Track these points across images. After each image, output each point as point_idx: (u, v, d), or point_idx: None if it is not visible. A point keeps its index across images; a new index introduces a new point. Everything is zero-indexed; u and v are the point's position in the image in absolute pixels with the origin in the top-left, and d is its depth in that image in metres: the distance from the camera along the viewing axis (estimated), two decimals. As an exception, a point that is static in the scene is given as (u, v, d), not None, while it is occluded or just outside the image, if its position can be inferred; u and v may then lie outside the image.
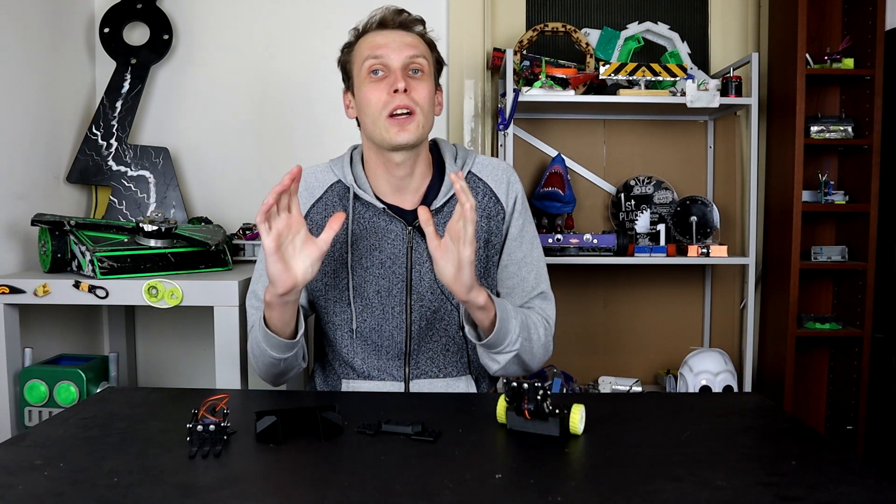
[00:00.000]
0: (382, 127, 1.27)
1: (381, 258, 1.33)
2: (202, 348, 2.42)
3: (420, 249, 1.33)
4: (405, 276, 1.33)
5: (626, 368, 2.62)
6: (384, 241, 1.33)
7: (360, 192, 1.34)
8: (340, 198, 1.36)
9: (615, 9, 2.60)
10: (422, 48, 1.31)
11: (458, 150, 1.42)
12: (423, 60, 1.30)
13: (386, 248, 1.33)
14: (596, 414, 1.02)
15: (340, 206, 1.35)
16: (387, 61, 1.27)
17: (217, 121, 2.41)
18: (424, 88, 1.29)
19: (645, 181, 2.52)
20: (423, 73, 1.30)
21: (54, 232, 1.79)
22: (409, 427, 0.98)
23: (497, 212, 1.37)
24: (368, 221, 1.34)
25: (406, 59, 1.28)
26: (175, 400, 1.18)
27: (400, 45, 1.28)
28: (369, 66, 1.28)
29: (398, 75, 1.26)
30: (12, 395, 1.73)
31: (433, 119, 1.33)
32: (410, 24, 1.32)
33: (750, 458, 0.92)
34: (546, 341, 1.35)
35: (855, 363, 2.38)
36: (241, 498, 0.78)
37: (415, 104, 1.26)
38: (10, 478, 0.83)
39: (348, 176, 1.35)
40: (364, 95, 1.29)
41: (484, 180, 1.38)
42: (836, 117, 2.40)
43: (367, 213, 1.34)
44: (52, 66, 2.13)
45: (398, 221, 1.33)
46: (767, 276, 2.53)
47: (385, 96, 1.26)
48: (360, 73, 1.31)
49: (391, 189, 1.35)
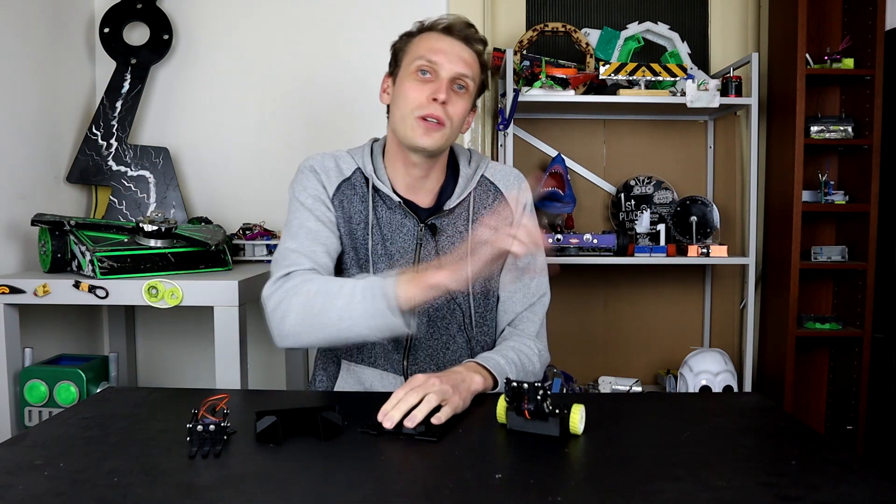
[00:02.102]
0: (410, 125, 1.29)
1: (392, 251, 1.35)
2: (202, 348, 2.42)
3: (429, 247, 1.35)
4: (412, 271, 1.34)
5: (626, 368, 2.62)
6: (396, 234, 1.35)
7: (378, 183, 1.35)
8: (363, 184, 1.37)
9: (615, 9, 2.60)
10: (474, 68, 1.33)
11: (472, 154, 1.45)
12: (470, 80, 1.32)
13: (397, 241, 1.35)
14: (596, 414, 1.02)
15: (364, 190, 1.36)
16: (438, 68, 1.29)
17: (217, 121, 2.41)
18: (461, 106, 1.31)
19: (645, 181, 2.52)
20: (465, 91, 1.32)
21: (54, 232, 1.79)
22: (412, 427, 0.98)
23: (506, 215, 1.38)
24: (384, 213, 1.36)
25: (456, 73, 1.30)
26: (175, 400, 1.18)
27: (456, 58, 1.30)
28: (420, 66, 1.30)
29: (444, 85, 1.28)
30: (12, 395, 1.73)
31: (456, 135, 1.35)
32: (473, 41, 1.33)
33: (750, 458, 0.92)
34: (539, 370, 1.37)
35: (855, 363, 2.38)
36: (241, 498, 0.78)
37: (447, 118, 1.29)
38: (10, 478, 0.83)
39: (368, 166, 1.37)
40: (404, 90, 1.31)
41: (495, 184, 1.42)
42: (836, 117, 2.40)
43: (384, 204, 1.36)
44: (52, 66, 2.13)
45: (412, 217, 1.35)
46: (767, 276, 2.53)
47: (423, 99, 1.28)
48: (408, 67, 1.32)
49: (406, 185, 1.37)
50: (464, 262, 1.13)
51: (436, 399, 1.03)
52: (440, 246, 1.35)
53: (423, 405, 1.01)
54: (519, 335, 1.38)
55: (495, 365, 1.23)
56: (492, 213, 1.23)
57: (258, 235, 2.19)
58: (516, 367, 1.28)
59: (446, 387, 1.06)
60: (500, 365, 1.24)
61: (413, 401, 1.02)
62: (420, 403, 1.02)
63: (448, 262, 1.15)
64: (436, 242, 1.35)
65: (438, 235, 1.36)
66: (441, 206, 1.37)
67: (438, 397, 1.03)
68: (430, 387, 1.05)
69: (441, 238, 1.36)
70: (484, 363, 1.22)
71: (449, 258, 1.17)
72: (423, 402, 1.02)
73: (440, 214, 1.36)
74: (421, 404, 1.01)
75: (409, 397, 1.02)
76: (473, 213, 1.37)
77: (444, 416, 1.01)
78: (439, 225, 1.36)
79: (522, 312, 1.40)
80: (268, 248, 2.17)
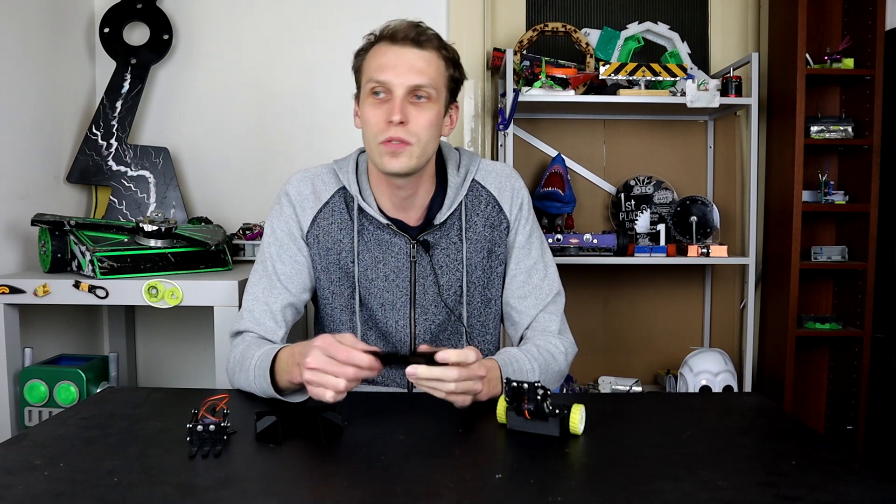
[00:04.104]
0: (376, 152, 1.23)
1: (386, 271, 1.32)
2: (202, 348, 2.42)
3: (423, 263, 1.32)
4: (409, 289, 1.32)
5: (626, 368, 2.62)
6: (388, 254, 1.32)
7: (364, 205, 1.31)
8: (346, 205, 1.33)
9: (615, 9, 2.60)
10: (432, 72, 1.22)
11: (461, 156, 1.38)
12: (430, 88, 1.22)
13: (390, 262, 1.32)
14: (596, 414, 1.02)
15: (346, 214, 1.33)
16: (390, 86, 1.20)
17: (217, 121, 2.41)
18: (425, 117, 1.22)
19: (645, 181, 2.52)
20: (427, 100, 1.22)
21: (54, 232, 1.79)
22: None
23: (500, 221, 1.35)
24: (372, 234, 1.32)
25: (409, 87, 1.21)
26: (175, 400, 1.18)
27: (406, 70, 1.21)
28: (372, 88, 1.23)
29: (397, 105, 1.20)
30: (12, 395, 1.73)
31: (435, 145, 1.28)
32: (424, 40, 1.23)
33: (750, 458, 0.92)
34: (565, 367, 1.34)
35: (855, 363, 2.38)
36: (241, 498, 0.78)
37: (410, 135, 1.21)
38: (10, 478, 0.83)
39: (353, 186, 1.32)
40: (364, 115, 1.25)
41: (487, 188, 1.36)
42: (836, 117, 2.40)
43: (371, 225, 1.32)
44: (52, 66, 2.13)
45: (402, 235, 1.32)
46: (767, 276, 2.53)
47: (381, 123, 1.21)
48: (364, 89, 1.26)
49: (394, 205, 1.32)
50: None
51: (462, 400, 1.03)
52: (435, 261, 1.32)
53: (444, 394, 1.02)
54: (542, 334, 1.34)
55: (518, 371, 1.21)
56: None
57: (258, 235, 2.19)
58: (540, 368, 1.25)
59: (482, 391, 1.07)
60: (525, 373, 1.22)
61: (449, 386, 1.01)
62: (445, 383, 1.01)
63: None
64: (430, 258, 1.32)
65: (432, 250, 1.32)
66: (431, 221, 1.32)
67: (465, 399, 1.04)
68: (471, 387, 1.04)
69: (435, 252, 1.32)
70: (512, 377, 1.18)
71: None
72: (448, 394, 1.02)
73: (431, 229, 1.31)
74: (444, 393, 1.01)
75: (450, 384, 1.01)
76: (466, 222, 1.33)
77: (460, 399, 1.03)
78: (432, 240, 1.32)
79: (539, 314, 1.35)
80: (268, 248, 2.17)
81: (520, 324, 1.36)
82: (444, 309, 1.34)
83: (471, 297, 1.35)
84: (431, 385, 1.01)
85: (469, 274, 1.34)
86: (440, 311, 1.34)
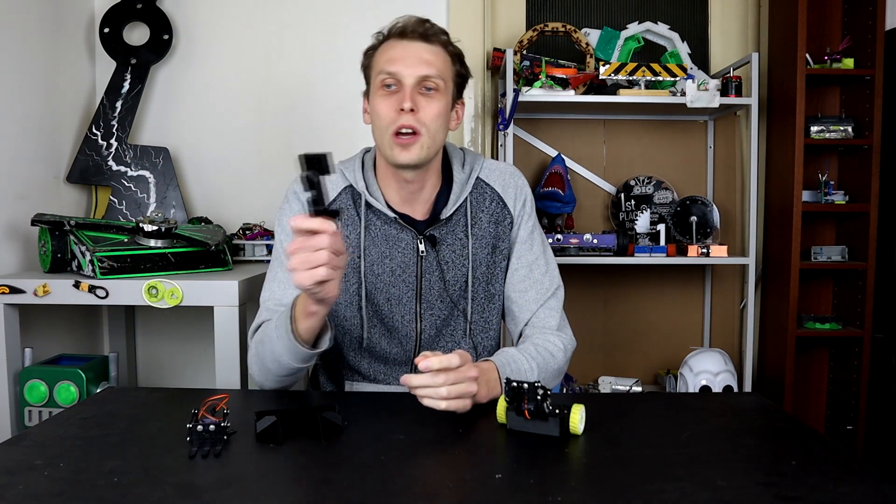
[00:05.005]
0: (387, 144, 1.26)
1: (392, 266, 1.33)
2: (202, 348, 2.42)
3: (430, 259, 1.33)
4: (415, 284, 1.34)
5: (626, 368, 2.62)
6: (395, 249, 1.33)
7: (371, 200, 1.33)
8: (353, 202, 1.35)
9: (615, 9, 2.60)
10: (439, 64, 1.27)
11: (466, 154, 1.41)
12: (438, 79, 1.26)
13: (396, 257, 1.33)
14: (596, 414, 1.02)
15: (353, 210, 1.34)
16: (400, 77, 1.25)
17: (217, 121, 2.41)
18: (434, 108, 1.26)
19: (645, 181, 2.52)
20: (436, 91, 1.27)
21: (54, 232, 1.79)
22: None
23: (504, 217, 1.37)
24: (380, 229, 1.34)
25: (419, 77, 1.25)
26: (175, 400, 1.18)
27: (416, 61, 1.25)
28: (383, 80, 1.27)
29: (408, 93, 1.24)
30: (12, 395, 1.73)
31: (443, 137, 1.31)
32: (432, 35, 1.28)
33: (750, 458, 0.92)
34: (564, 363, 1.35)
35: (855, 363, 2.38)
36: (241, 498, 0.78)
37: (420, 125, 1.24)
38: (10, 478, 0.83)
39: (360, 182, 1.34)
40: (375, 108, 1.28)
41: (492, 185, 1.38)
42: (836, 117, 2.40)
43: (378, 220, 1.34)
44: (52, 66, 2.13)
45: (409, 230, 1.33)
46: (767, 276, 2.53)
47: (392, 113, 1.24)
48: (374, 83, 1.30)
49: (401, 199, 1.35)
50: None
51: (461, 404, 1.04)
52: (441, 256, 1.33)
53: (444, 405, 1.02)
54: (540, 331, 1.35)
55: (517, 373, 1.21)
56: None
57: (258, 235, 2.19)
58: (539, 366, 1.26)
59: (479, 392, 1.08)
60: (523, 372, 1.22)
61: (441, 391, 1.02)
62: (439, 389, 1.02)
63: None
64: (437, 253, 1.33)
65: (439, 245, 1.33)
66: (437, 216, 1.34)
67: (464, 403, 1.05)
68: (466, 389, 1.05)
69: (442, 248, 1.34)
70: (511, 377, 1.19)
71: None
72: (445, 400, 1.02)
73: (437, 224, 1.34)
74: (443, 402, 1.02)
75: (442, 390, 1.02)
76: (472, 218, 1.35)
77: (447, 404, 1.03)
78: (438, 235, 1.33)
79: (538, 310, 1.36)
80: (268, 248, 2.17)
81: (519, 318, 1.37)
82: (450, 304, 1.35)
83: (475, 293, 1.36)
84: (426, 393, 1.03)
85: (474, 269, 1.35)
86: (445, 306, 1.35)
